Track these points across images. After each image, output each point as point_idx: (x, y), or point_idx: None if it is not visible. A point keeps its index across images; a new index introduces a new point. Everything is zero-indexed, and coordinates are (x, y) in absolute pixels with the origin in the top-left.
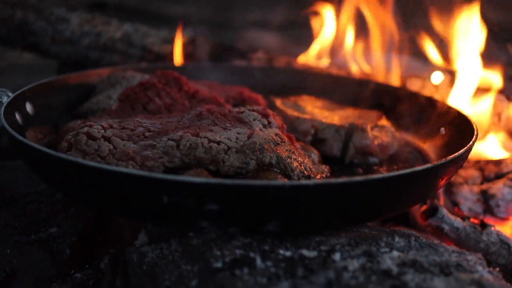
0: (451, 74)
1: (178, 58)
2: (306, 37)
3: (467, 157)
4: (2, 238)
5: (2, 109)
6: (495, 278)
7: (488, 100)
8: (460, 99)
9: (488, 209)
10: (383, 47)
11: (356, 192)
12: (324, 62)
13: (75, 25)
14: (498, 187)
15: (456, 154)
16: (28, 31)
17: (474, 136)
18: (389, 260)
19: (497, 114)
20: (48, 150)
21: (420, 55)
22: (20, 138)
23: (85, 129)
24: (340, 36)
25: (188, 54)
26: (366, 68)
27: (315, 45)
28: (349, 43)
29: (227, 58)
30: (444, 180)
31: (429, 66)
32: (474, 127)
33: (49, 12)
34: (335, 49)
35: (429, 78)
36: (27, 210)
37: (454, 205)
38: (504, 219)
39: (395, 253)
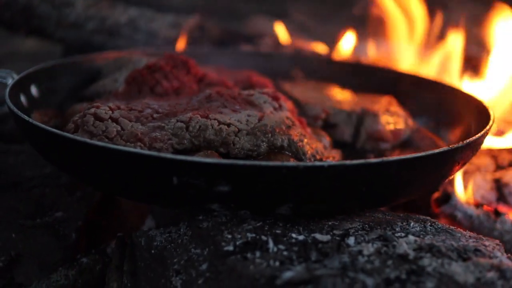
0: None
1: (185, 43)
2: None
3: (483, 142)
4: (7, 222)
5: (7, 90)
6: None
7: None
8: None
9: (501, 197)
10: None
11: (371, 175)
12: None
13: (80, 8)
14: (511, 175)
15: (473, 138)
16: (32, 14)
17: (491, 121)
18: (405, 244)
19: None
20: (55, 130)
21: None
22: (28, 119)
23: (92, 110)
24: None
25: (195, 40)
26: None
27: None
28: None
29: (234, 43)
30: (460, 165)
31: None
32: (491, 113)
33: None
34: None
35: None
36: (32, 194)
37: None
38: None
39: (411, 238)
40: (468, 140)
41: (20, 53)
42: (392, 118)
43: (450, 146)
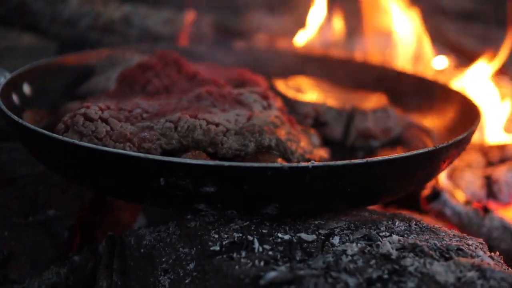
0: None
1: (179, 39)
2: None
3: (469, 140)
4: (0, 220)
5: None
6: (496, 263)
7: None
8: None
9: (491, 194)
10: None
11: (356, 175)
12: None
13: (74, 5)
14: (501, 172)
15: (458, 137)
16: (27, 11)
17: (477, 120)
18: (388, 244)
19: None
20: (44, 132)
21: None
22: (17, 119)
23: (82, 110)
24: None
25: (189, 35)
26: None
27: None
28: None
29: (228, 39)
30: (446, 163)
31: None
32: (479, 110)
33: None
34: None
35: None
36: (25, 191)
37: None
38: (507, 204)
39: (395, 237)
40: (452, 140)
41: (17, 47)
42: (382, 116)
43: (435, 146)
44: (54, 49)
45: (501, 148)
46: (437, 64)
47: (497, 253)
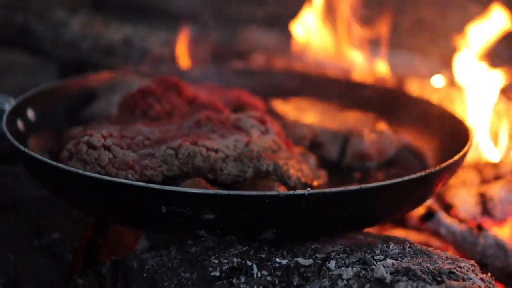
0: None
1: (178, 60)
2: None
3: (461, 163)
4: (5, 244)
5: (5, 117)
6: (487, 285)
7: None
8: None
9: (486, 211)
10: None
11: (350, 201)
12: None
13: (75, 28)
14: (496, 189)
15: (450, 161)
16: (29, 34)
17: (469, 142)
18: (382, 268)
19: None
20: (48, 161)
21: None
22: (22, 148)
23: (86, 138)
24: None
25: (188, 56)
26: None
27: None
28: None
29: (226, 58)
30: (439, 186)
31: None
32: (470, 133)
33: (50, 15)
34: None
35: (428, 78)
36: (29, 215)
37: (451, 207)
38: (502, 221)
39: (389, 261)
40: (444, 164)
41: (19, 65)
42: (378, 137)
43: (427, 171)
44: (55, 67)
45: (495, 165)
46: (435, 82)
47: (489, 274)
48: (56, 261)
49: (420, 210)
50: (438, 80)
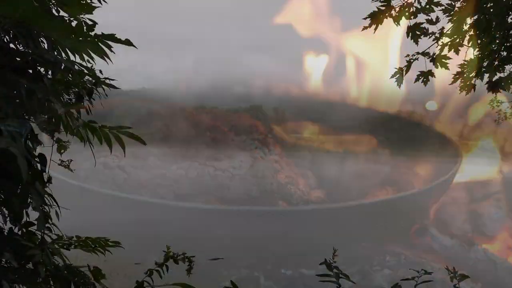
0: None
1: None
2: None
3: (451, 181)
4: None
5: None
6: None
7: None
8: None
9: (476, 228)
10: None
11: None
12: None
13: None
14: (485, 207)
15: (440, 179)
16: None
17: (458, 164)
18: (380, 278)
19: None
20: None
21: None
22: None
23: None
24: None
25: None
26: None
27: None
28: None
29: (228, 85)
30: (431, 202)
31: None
32: (459, 154)
33: None
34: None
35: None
36: None
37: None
38: (491, 237)
39: (386, 271)
40: (435, 182)
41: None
42: (372, 158)
43: (420, 189)
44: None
45: (484, 184)
46: (429, 107)
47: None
48: None
49: (414, 226)
50: (431, 105)
